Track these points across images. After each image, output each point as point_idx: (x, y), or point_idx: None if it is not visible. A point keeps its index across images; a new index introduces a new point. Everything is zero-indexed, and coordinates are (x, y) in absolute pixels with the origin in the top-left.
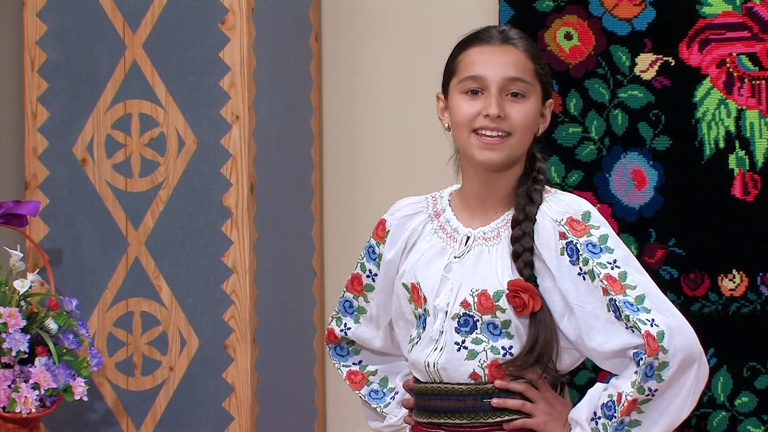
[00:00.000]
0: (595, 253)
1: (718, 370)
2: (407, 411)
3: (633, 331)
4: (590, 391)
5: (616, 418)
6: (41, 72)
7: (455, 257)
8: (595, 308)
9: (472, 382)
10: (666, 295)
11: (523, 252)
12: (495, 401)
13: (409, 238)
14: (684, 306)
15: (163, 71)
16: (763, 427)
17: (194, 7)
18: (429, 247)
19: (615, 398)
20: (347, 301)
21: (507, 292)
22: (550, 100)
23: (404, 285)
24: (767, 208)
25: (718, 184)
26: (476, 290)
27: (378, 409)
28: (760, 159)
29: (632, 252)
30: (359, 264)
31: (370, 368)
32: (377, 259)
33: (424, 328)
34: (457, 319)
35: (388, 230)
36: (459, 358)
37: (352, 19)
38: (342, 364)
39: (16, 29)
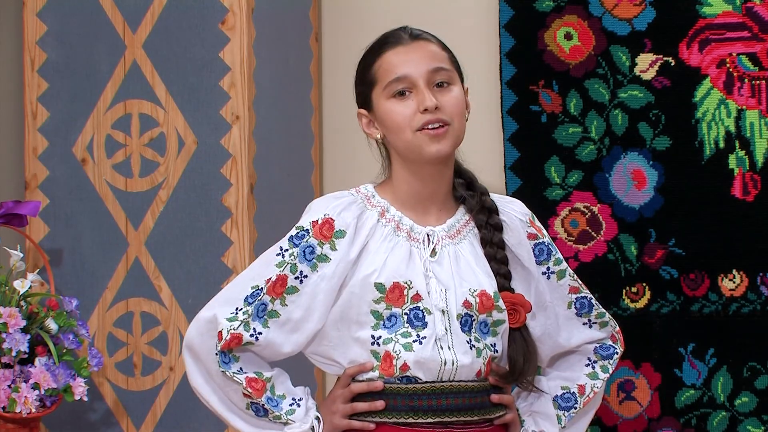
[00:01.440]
0: (556, 253)
1: (718, 370)
2: (313, 418)
3: (591, 327)
4: (542, 385)
5: (576, 409)
6: (41, 72)
7: (431, 256)
8: (556, 306)
9: (477, 379)
10: (666, 295)
11: (500, 266)
12: (495, 397)
13: (367, 236)
14: (684, 306)
15: (163, 71)
16: (763, 427)
17: (194, 7)
18: (393, 246)
19: (575, 390)
20: (263, 304)
21: (504, 302)
22: (467, 86)
23: (377, 285)
24: (767, 208)
25: (718, 184)
26: (475, 290)
27: (281, 417)
28: (760, 159)
29: (632, 252)
30: (288, 265)
31: (267, 375)
32: (315, 260)
33: (420, 327)
34: (460, 320)
35: (341, 229)
36: (473, 356)
37: (352, 19)
38: (231, 372)
39: (16, 29)
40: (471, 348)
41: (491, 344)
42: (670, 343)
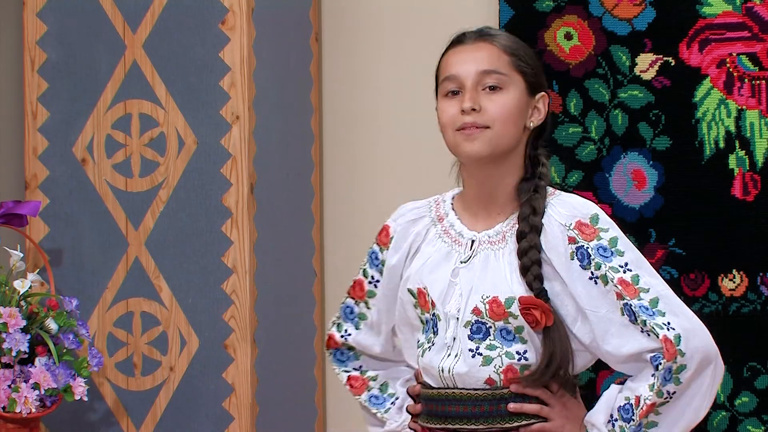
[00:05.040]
0: (607, 257)
1: None
2: (409, 416)
3: (649, 335)
4: (606, 394)
5: (634, 421)
6: (41, 72)
7: (462, 262)
8: (609, 312)
9: (488, 387)
10: None
11: (531, 265)
12: (512, 406)
13: (413, 243)
14: None
15: (163, 71)
16: (763, 427)
17: (194, 7)
18: (434, 251)
19: (633, 401)
20: (348, 306)
21: (519, 305)
22: (543, 92)
23: (410, 290)
24: (767, 208)
25: (718, 184)
26: (487, 297)
27: (378, 415)
28: (760, 159)
29: None
30: (361, 270)
31: (371, 373)
32: (380, 265)
33: (435, 333)
34: (469, 327)
35: (392, 236)
36: (475, 365)
37: (352, 19)
38: (342, 369)
39: (16, 29)
40: (475, 356)
41: (518, 351)
42: None
